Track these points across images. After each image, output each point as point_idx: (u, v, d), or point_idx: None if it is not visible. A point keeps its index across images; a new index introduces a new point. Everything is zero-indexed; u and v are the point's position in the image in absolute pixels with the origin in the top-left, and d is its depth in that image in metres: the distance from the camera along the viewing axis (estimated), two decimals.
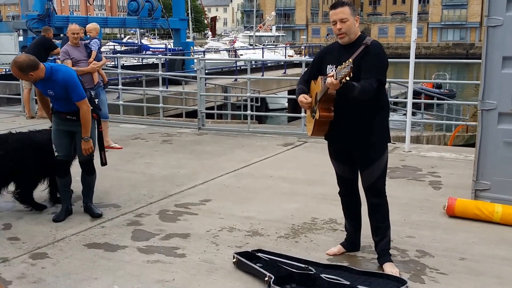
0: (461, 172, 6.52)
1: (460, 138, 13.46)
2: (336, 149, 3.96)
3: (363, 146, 3.77)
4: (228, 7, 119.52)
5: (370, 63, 3.60)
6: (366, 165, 3.82)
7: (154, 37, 58.02)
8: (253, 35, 55.07)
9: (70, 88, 4.77)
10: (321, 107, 3.66)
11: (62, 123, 4.99)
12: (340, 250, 4.15)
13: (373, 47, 3.66)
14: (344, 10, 3.68)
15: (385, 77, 3.74)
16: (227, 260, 4.00)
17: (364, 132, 3.73)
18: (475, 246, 4.32)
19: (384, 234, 3.90)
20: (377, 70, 3.63)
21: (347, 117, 3.69)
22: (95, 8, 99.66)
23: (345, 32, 3.67)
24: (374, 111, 3.73)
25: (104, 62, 8.19)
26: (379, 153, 3.80)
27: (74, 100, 4.82)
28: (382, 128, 3.81)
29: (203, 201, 5.51)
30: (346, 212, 4.14)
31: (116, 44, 38.87)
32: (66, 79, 4.76)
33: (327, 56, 3.86)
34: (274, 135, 9.21)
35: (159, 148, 8.17)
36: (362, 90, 3.48)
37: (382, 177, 3.85)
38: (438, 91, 22.20)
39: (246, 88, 10.47)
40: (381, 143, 3.82)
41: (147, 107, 12.27)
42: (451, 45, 71.13)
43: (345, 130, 3.75)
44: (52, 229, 4.72)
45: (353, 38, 3.72)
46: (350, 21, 3.67)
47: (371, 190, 3.85)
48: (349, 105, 3.63)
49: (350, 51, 3.66)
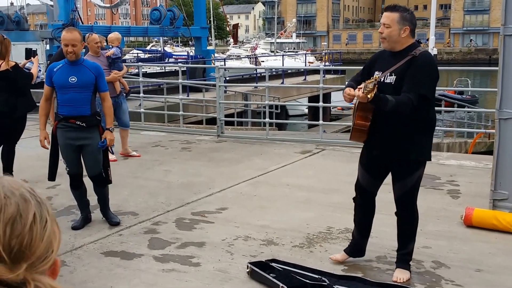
0: (480, 180, 6.45)
1: (482, 145, 13.31)
2: (368, 157, 3.86)
3: (401, 161, 3.69)
4: (250, 14, 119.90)
5: (413, 76, 3.48)
6: (399, 179, 3.75)
7: (177, 44, 58.48)
8: (274, 42, 55.14)
9: (101, 77, 4.86)
10: (358, 114, 3.63)
11: (70, 135, 4.85)
12: (344, 257, 4.12)
13: (420, 58, 3.54)
14: (391, 16, 3.60)
15: (431, 91, 3.59)
16: (241, 270, 4.02)
17: (403, 147, 3.63)
18: (492, 257, 4.28)
19: (406, 246, 3.87)
20: (419, 83, 3.49)
21: (387, 129, 3.62)
22: (120, 17, 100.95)
23: (385, 38, 3.62)
24: (416, 126, 3.61)
25: (125, 71, 8.28)
26: (415, 169, 3.71)
27: (102, 90, 4.89)
28: (423, 145, 3.69)
29: (219, 209, 5.55)
30: (356, 219, 4.10)
31: (140, 51, 39.24)
32: (98, 67, 4.91)
33: (377, 61, 3.80)
34: (292, 142, 9.22)
35: (178, 156, 8.24)
36: (396, 104, 3.40)
37: (414, 191, 3.79)
38: (460, 97, 22.01)
39: (265, 95, 10.52)
40: (419, 161, 3.72)
41: (168, 115, 12.40)
42: (473, 51, 70.33)
43: (384, 140, 3.67)
44: (71, 237, 4.79)
45: (398, 47, 3.62)
46: (393, 28, 3.57)
47: (401, 203, 3.82)
48: (389, 116, 3.55)
49: (396, 60, 3.59)
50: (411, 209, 3.85)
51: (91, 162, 4.96)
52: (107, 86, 4.99)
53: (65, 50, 4.77)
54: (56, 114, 4.94)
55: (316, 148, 8.63)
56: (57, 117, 4.91)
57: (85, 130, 4.86)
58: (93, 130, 4.92)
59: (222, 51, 54.84)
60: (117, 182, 5.32)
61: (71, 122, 4.84)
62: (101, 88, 4.90)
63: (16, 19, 21.21)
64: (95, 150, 4.92)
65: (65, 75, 4.78)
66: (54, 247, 0.88)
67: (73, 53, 4.75)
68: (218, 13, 76.32)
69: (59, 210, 5.51)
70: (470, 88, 27.25)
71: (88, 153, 4.92)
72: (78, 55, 4.82)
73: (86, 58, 7.68)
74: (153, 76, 21.42)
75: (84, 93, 4.80)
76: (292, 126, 22.90)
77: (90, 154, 4.93)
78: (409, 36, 3.63)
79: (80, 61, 4.85)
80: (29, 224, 0.84)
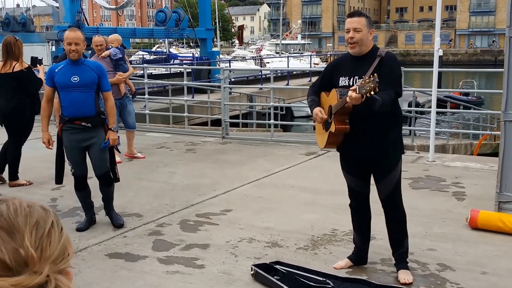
0: (485, 182, 6.42)
1: (488, 146, 13.26)
2: (348, 162, 3.94)
3: (378, 157, 3.76)
4: (255, 15, 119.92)
5: (387, 75, 3.59)
6: (381, 176, 3.81)
7: (182, 46, 58.57)
8: (280, 43, 55.17)
9: (103, 76, 4.86)
10: (336, 119, 3.66)
11: (76, 137, 4.84)
12: (348, 264, 4.11)
13: (388, 59, 3.67)
14: (360, 20, 3.70)
15: (401, 88, 3.74)
16: (245, 272, 4.01)
17: (379, 144, 3.72)
18: (497, 260, 4.25)
19: (400, 245, 3.91)
20: (394, 82, 3.63)
21: (362, 129, 3.69)
22: (125, 19, 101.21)
23: (357, 42, 3.67)
24: (389, 123, 3.73)
25: (130, 72, 8.23)
26: (394, 164, 3.80)
27: (104, 90, 4.90)
28: (396, 140, 3.81)
29: (224, 211, 5.54)
30: (355, 225, 4.12)
31: (145, 53, 39.34)
32: (100, 66, 4.90)
33: (339, 67, 3.86)
34: (297, 144, 9.20)
35: (182, 157, 8.25)
36: (382, 103, 3.48)
37: (397, 189, 3.85)
38: (465, 99, 21.94)
39: (270, 96, 10.52)
40: (396, 154, 3.82)
41: (173, 116, 12.42)
42: (479, 52, 70.09)
43: (359, 142, 3.74)
44: (75, 239, 4.79)
45: (365, 50, 3.72)
46: (364, 32, 3.67)
47: (388, 202, 3.84)
48: (364, 117, 3.62)
49: (363, 63, 3.67)
50: (400, 206, 3.90)
51: (98, 160, 4.96)
52: (109, 86, 5.00)
53: (67, 49, 4.76)
54: (61, 117, 4.91)
55: (320, 149, 8.61)
56: (62, 119, 4.87)
57: (91, 130, 4.85)
58: (99, 129, 4.92)
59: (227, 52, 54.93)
60: (121, 184, 5.32)
61: (76, 123, 4.81)
62: (104, 88, 4.90)
63: (22, 21, 21.32)
64: (101, 149, 4.92)
65: (67, 75, 4.76)
66: (69, 251, 1.00)
67: (76, 52, 4.74)
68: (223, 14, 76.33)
69: (63, 211, 5.52)
70: (475, 90, 27.15)
71: (94, 152, 4.91)
72: (80, 54, 4.81)
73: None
74: (158, 77, 21.49)
75: (87, 92, 4.78)
76: (297, 128, 22.87)
77: (97, 153, 4.92)
78: (372, 39, 3.77)
79: (82, 61, 4.84)
80: (48, 229, 0.98)
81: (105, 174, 5.03)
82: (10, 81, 6.30)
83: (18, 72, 6.28)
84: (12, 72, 6.28)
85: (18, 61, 6.33)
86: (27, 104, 6.42)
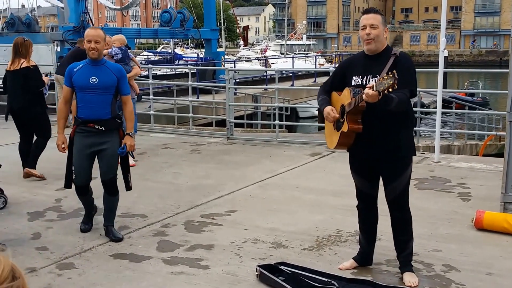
0: (491, 183, 6.40)
1: (493, 147, 13.22)
2: (358, 162, 3.89)
3: (390, 160, 3.71)
4: (260, 16, 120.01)
5: (402, 74, 3.50)
6: (391, 179, 3.76)
7: (187, 46, 58.62)
8: (285, 44, 55.15)
9: (123, 79, 4.67)
10: (349, 119, 3.60)
11: (88, 141, 4.64)
12: (353, 265, 4.09)
13: (403, 58, 3.63)
14: (376, 17, 3.67)
15: (417, 87, 3.69)
16: (250, 273, 4.01)
17: (391, 146, 3.66)
18: (502, 261, 4.23)
19: (405, 246, 3.88)
20: (409, 81, 3.57)
21: (374, 130, 3.64)
22: (130, 19, 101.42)
23: (373, 38, 3.63)
24: (401, 123, 3.67)
25: (135, 73, 8.16)
26: (405, 167, 3.74)
27: (124, 93, 4.69)
28: (408, 141, 3.75)
29: (228, 212, 5.54)
30: (362, 226, 4.10)
31: (150, 53, 39.40)
32: (121, 69, 4.75)
33: (352, 66, 3.80)
34: (302, 144, 9.19)
35: (187, 158, 8.25)
36: (399, 101, 3.43)
37: (406, 190, 3.82)
38: (470, 99, 21.87)
39: (275, 97, 10.51)
40: (407, 157, 3.77)
41: (178, 117, 12.43)
42: (484, 53, 69.91)
43: (371, 142, 3.68)
44: (80, 239, 4.80)
45: (380, 48, 3.67)
46: (380, 29, 3.64)
47: (395, 204, 3.81)
48: (377, 117, 3.58)
49: (377, 62, 3.62)
50: (406, 207, 3.87)
51: (106, 167, 4.71)
52: (129, 89, 4.82)
53: (87, 47, 4.58)
54: (75, 118, 4.73)
55: (326, 150, 8.59)
56: (76, 121, 4.70)
57: (104, 134, 4.64)
58: (113, 134, 4.70)
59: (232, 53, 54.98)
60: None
61: (89, 126, 4.62)
62: (123, 91, 4.70)
63: (27, 21, 21.36)
64: (112, 155, 4.69)
65: (86, 75, 4.57)
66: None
67: (96, 50, 4.56)
68: (228, 15, 76.41)
69: (68, 212, 5.53)
70: (480, 90, 27.05)
71: (104, 157, 4.68)
72: (100, 53, 4.63)
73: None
74: (163, 78, 21.54)
75: (105, 95, 4.58)
76: (302, 128, 22.86)
77: (107, 159, 4.69)
78: (386, 37, 3.74)
79: (103, 61, 4.67)
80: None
81: (111, 179, 4.75)
82: (19, 78, 6.64)
83: (24, 68, 6.63)
84: (20, 68, 6.64)
85: (26, 59, 6.68)
86: (36, 100, 6.78)
